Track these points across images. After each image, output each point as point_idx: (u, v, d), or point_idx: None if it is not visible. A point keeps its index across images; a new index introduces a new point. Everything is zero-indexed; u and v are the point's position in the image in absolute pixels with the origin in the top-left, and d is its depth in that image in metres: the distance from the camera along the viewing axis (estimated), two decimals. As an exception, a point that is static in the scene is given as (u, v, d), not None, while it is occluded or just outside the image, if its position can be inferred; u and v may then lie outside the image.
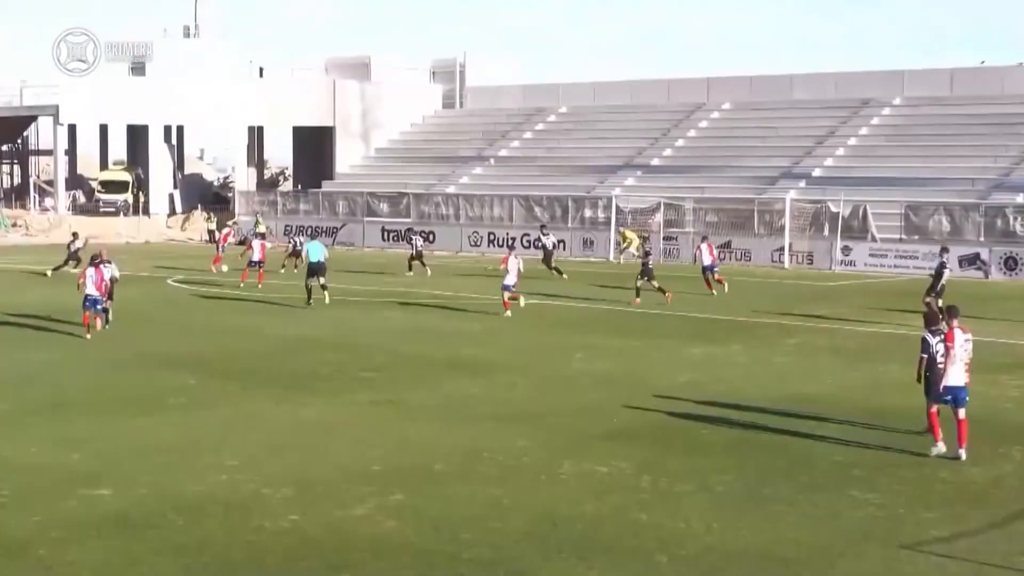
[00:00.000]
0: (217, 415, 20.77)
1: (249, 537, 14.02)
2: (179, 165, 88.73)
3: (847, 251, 54.96)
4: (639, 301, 37.95)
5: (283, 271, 48.35)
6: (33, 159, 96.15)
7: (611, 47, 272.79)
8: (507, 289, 35.31)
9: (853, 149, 65.24)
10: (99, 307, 30.39)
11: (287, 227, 71.91)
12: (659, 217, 59.79)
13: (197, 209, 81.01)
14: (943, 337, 17.81)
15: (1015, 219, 52.77)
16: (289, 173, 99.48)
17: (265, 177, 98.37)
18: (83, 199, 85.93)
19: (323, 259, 37.94)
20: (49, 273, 45.64)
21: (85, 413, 20.77)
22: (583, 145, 73.46)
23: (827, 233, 55.99)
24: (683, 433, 19.58)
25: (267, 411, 21.11)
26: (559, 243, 57.56)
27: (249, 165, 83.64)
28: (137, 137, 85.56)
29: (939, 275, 35.32)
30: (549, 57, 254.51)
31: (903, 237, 54.58)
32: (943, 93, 67.29)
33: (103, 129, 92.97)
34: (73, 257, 45.32)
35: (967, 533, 14.48)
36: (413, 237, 51.56)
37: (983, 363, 26.24)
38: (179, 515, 14.70)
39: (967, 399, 17.92)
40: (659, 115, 74.63)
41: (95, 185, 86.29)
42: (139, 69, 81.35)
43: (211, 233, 73.35)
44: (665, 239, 58.41)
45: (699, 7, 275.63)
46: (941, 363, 17.83)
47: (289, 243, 53.93)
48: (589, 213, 63.45)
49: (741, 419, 20.54)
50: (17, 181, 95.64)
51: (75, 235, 47.24)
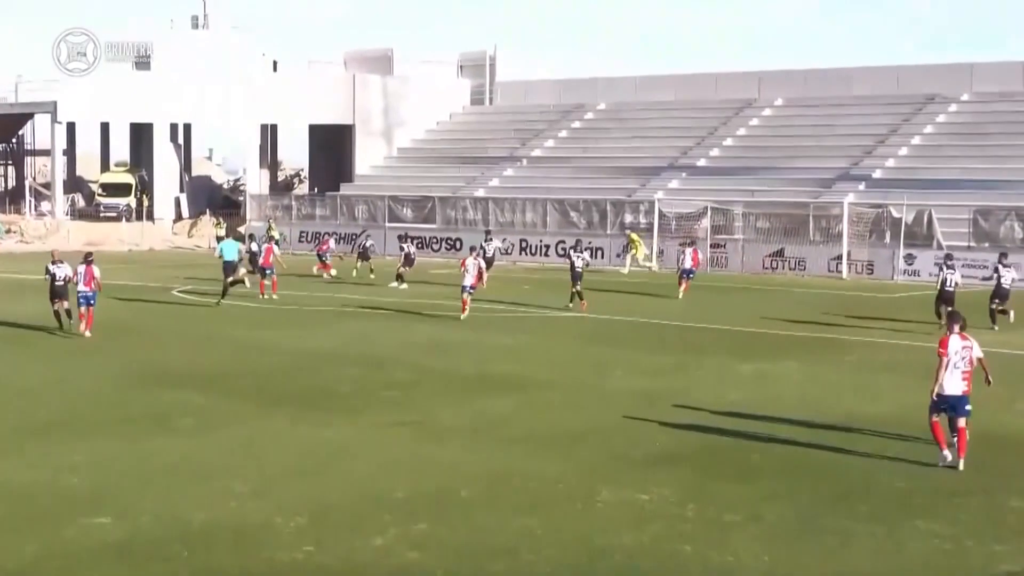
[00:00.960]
0: (227, 436, 20.82)
1: (260, 569, 14.05)
2: (186, 166, 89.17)
3: (910, 259, 54.77)
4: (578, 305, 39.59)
5: (355, 274, 48.85)
6: (29, 160, 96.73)
7: (654, 39, 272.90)
8: (466, 291, 37.33)
9: (917, 149, 65.03)
10: (91, 302, 32.85)
11: (302, 233, 72.21)
12: (706, 223, 59.72)
13: (205, 214, 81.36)
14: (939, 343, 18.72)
15: (1094, 225, 52.52)
16: (305, 175, 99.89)
17: (279, 179, 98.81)
18: (82, 203, 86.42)
19: (236, 259, 41.77)
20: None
21: (85, 434, 20.85)
22: (623, 145, 73.47)
23: (888, 240, 55.83)
24: (731, 457, 19.54)
25: (281, 432, 21.15)
26: (505, 251, 57.70)
27: (261, 166, 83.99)
28: (141, 136, 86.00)
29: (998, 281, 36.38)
30: (586, 49, 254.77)
31: (971, 244, 54.35)
32: (1016, 88, 67.01)
33: (104, 128, 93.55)
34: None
35: (1041, 567, 14.41)
36: (403, 244, 51.71)
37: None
38: (185, 545, 14.73)
39: (969, 409, 18.52)
40: (706, 112, 74.60)
41: (95, 188, 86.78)
42: (143, 64, 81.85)
43: (219, 240, 73.69)
44: (713, 246, 58.33)
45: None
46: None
47: (355, 244, 54.60)
48: (630, 218, 63.43)
49: (795, 441, 20.47)
50: (12, 184, 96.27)
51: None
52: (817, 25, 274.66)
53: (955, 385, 18.51)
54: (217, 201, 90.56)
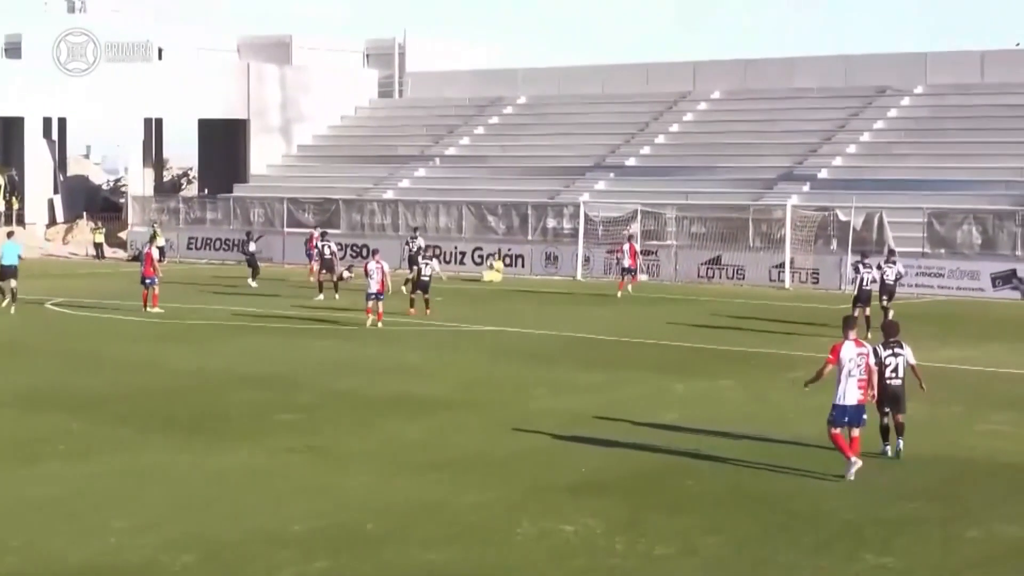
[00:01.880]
0: (106, 466, 20.60)
1: (142, 613, 13.91)
2: (61, 165, 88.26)
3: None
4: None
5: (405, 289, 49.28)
6: None
7: (579, 26, 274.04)
8: (371, 298, 38.74)
9: (866, 147, 65.67)
10: None
11: (191, 239, 71.74)
12: (636, 227, 59.93)
13: (83, 218, 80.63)
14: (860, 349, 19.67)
15: (1059, 229, 53.25)
16: (194, 175, 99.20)
17: (165, 179, 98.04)
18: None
19: (15, 264, 42.53)
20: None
21: (-55, 464, 20.58)
22: (545, 142, 73.60)
23: (835, 246, 56.30)
24: (664, 484, 19.58)
25: (166, 461, 20.97)
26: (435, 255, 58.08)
27: (145, 165, 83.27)
28: (10, 132, 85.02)
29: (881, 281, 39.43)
30: (505, 38, 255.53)
31: (926, 251, 54.96)
32: (972, 80, 67.85)
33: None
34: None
35: (1001, 603, 14.55)
36: (324, 244, 51.53)
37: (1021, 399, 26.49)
38: (58, 586, 14.56)
39: (865, 418, 19.64)
40: (636, 107, 74.92)
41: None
42: (13, 51, 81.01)
43: (98, 247, 73.17)
44: (643, 253, 58.54)
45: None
46: (889, 377, 20.29)
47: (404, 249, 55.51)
48: (553, 223, 63.60)
49: (734, 466, 20.57)
50: None
51: None
52: (757, 11, 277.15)
53: (852, 394, 19.35)
54: (96, 204, 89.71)
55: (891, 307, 38.90)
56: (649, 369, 31.29)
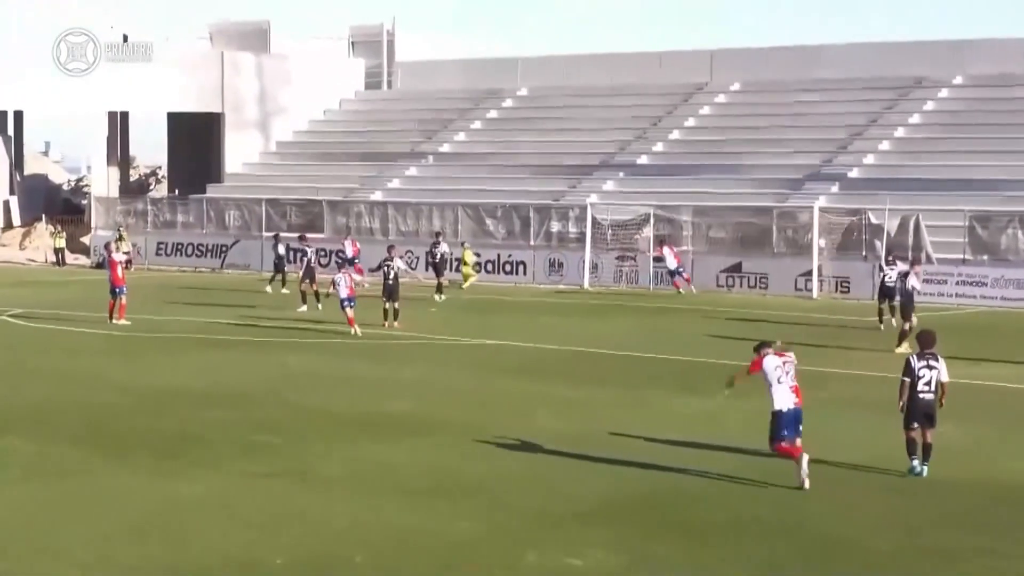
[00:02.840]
0: (60, 491, 20.55)
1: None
2: (17, 163, 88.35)
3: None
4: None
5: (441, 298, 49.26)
6: None
7: (585, 11, 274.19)
8: (346, 304, 40.41)
9: (901, 143, 65.64)
10: None
11: (160, 245, 71.68)
12: (648, 232, 59.90)
13: (41, 221, 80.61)
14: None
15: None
16: (163, 174, 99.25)
17: (131, 179, 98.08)
18: None
19: None
20: None
21: None
22: (549, 139, 73.60)
23: (867, 252, 56.23)
24: (679, 511, 19.56)
25: (128, 486, 20.92)
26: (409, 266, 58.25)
27: (109, 163, 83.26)
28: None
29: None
30: (503, 24, 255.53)
31: (967, 257, 54.85)
32: (1016, 69, 67.81)
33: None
34: None
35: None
36: (305, 247, 51.60)
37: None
38: (9, 623, 14.52)
39: (800, 428, 21.04)
40: (648, 99, 74.94)
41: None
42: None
43: (58, 252, 73.14)
44: (656, 260, 58.48)
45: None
46: (922, 391, 21.25)
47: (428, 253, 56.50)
48: (557, 227, 63.52)
49: (752, 491, 20.53)
50: None
51: None
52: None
53: (787, 399, 21.03)
54: (56, 205, 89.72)
55: (894, 311, 40.82)
56: (661, 386, 31.25)
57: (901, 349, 35.78)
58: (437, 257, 56.25)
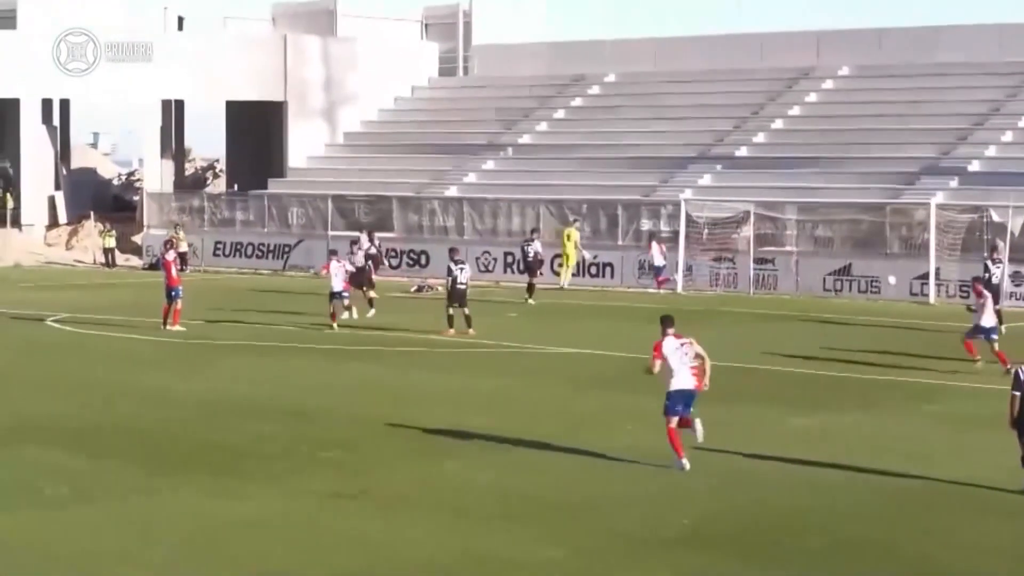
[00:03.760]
0: (111, 511, 20.72)
1: None
2: (63, 156, 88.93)
3: (1019, 279, 54.81)
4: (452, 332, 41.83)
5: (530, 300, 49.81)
6: None
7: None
8: (337, 298, 43.37)
9: (1026, 133, 65.14)
10: None
11: (218, 244, 72.12)
12: (747, 231, 59.66)
13: (89, 219, 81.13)
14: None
15: None
16: (221, 168, 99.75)
17: (187, 173, 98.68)
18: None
19: None
20: None
21: (-77, 508, 20.80)
22: (639, 129, 73.45)
23: (988, 253, 55.78)
24: (782, 539, 19.52)
25: (182, 506, 21.06)
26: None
27: (163, 156, 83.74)
28: (4, 116, 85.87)
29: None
30: (589, 4, 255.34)
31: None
32: None
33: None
34: None
35: None
36: (363, 239, 51.47)
37: None
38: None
39: (693, 411, 23.82)
40: (749, 86, 74.61)
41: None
42: (7, 20, 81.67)
43: (108, 252, 73.54)
44: (757, 262, 58.28)
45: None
46: None
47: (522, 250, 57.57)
48: (648, 225, 63.40)
49: (863, 517, 20.46)
50: None
51: None
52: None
53: (686, 380, 23.87)
54: (105, 202, 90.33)
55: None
56: (761, 400, 31.15)
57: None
58: (530, 256, 56.51)
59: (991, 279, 42.67)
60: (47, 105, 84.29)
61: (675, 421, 23.71)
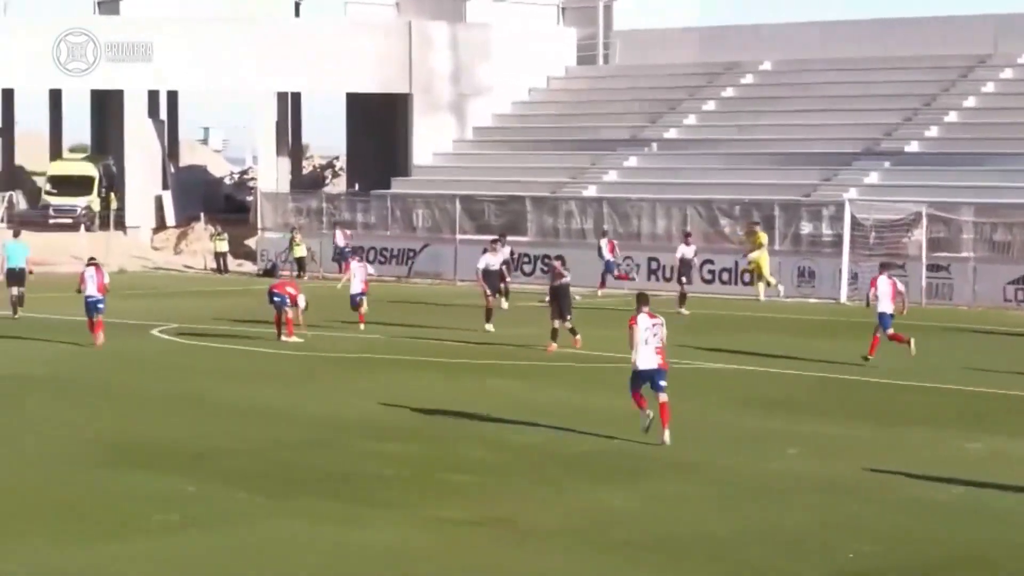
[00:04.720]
0: (221, 539, 20.88)
1: None
2: (171, 153, 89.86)
3: None
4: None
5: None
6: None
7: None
8: (356, 300, 46.57)
9: None
10: (101, 307, 41.89)
11: (339, 249, 72.48)
12: (919, 235, 59.18)
13: (199, 220, 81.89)
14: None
15: None
16: (341, 166, 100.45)
17: (304, 172, 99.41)
18: (23, 204, 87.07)
19: (24, 266, 49.36)
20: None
21: (19, 535, 20.99)
22: (798, 122, 73.26)
23: None
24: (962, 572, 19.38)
25: (304, 534, 21.16)
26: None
27: (279, 153, 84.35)
28: (107, 109, 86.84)
29: None
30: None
31: None
32: None
33: (54, 96, 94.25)
34: None
35: None
36: (497, 242, 51.46)
37: None
38: None
39: (664, 384, 27.15)
40: (920, 74, 74.20)
41: (42, 183, 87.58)
42: (110, 4, 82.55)
43: (219, 257, 74.07)
44: (930, 268, 57.78)
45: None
46: None
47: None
48: (808, 228, 63.10)
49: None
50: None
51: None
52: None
53: (649, 359, 27.12)
54: (216, 202, 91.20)
55: None
56: (933, 422, 30.91)
57: None
58: (690, 256, 56.36)
59: None
60: (153, 97, 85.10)
61: (639, 394, 27.59)
